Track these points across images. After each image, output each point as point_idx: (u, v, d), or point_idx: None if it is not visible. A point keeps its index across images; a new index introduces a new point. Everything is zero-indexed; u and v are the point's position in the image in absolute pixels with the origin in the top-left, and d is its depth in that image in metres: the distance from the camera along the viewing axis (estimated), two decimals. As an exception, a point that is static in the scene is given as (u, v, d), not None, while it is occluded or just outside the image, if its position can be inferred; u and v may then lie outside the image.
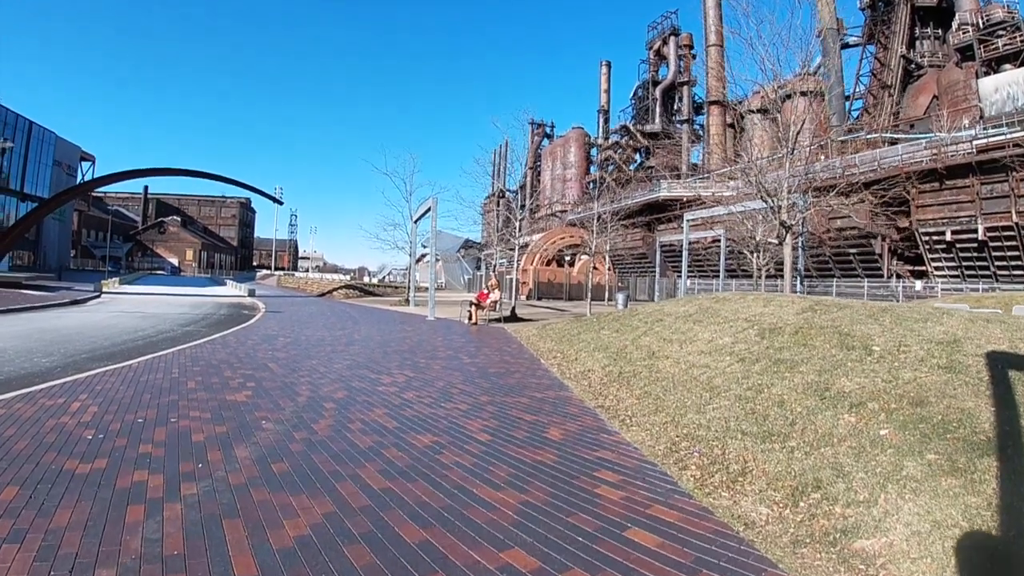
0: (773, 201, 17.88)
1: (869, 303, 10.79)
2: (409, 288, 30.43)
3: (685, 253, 27.78)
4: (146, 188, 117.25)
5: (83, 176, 72.89)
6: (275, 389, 7.27)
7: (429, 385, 7.86)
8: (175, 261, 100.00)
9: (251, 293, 34.48)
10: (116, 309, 21.71)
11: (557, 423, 6.07)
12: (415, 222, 28.59)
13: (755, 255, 32.61)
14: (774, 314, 9.27)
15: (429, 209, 21.62)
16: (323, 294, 41.12)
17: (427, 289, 20.94)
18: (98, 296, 28.88)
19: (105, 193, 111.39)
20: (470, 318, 18.33)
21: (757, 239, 31.66)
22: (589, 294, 23.60)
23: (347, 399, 6.85)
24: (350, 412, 6.20)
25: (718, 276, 51.54)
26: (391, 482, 4.20)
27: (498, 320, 18.94)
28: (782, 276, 34.57)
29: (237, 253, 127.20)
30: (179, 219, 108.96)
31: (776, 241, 19.96)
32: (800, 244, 20.71)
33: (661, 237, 43.00)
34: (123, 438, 5.04)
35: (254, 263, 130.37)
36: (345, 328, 16.10)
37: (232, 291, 39.17)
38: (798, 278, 20.64)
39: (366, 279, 71.36)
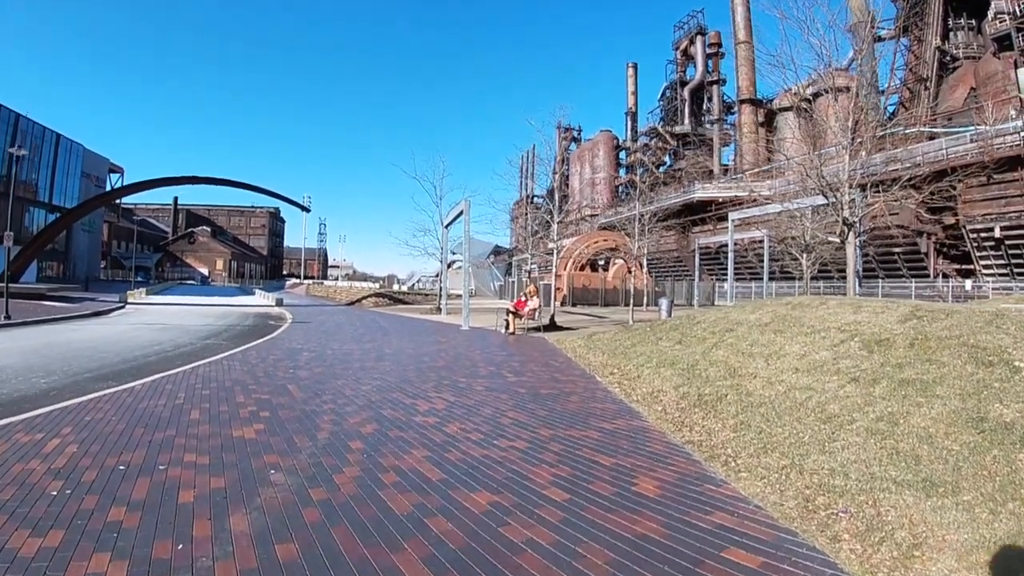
0: (837, 197, 16.37)
1: (975, 308, 9.33)
2: (440, 296, 29.32)
3: (731, 255, 26.26)
4: (176, 199, 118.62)
5: (111, 186, 73.41)
6: (292, 420, 6.08)
7: (474, 413, 6.60)
8: (205, 271, 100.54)
9: (279, 303, 33.69)
10: (138, 321, 20.93)
11: (645, 469, 4.75)
12: (446, 227, 27.47)
13: (803, 256, 30.94)
14: (872, 322, 7.86)
15: (461, 212, 20.48)
16: (352, 303, 40.25)
17: (459, 296, 19.77)
18: (122, 307, 28.31)
19: (136, 205, 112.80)
20: (507, 327, 17.09)
21: (807, 239, 30.05)
22: (631, 300, 22.20)
23: (378, 435, 5.61)
24: (381, 455, 4.95)
25: (757, 278, 49.91)
26: (442, 579, 2.94)
27: (536, 329, 17.67)
28: (827, 278, 32.63)
29: (267, 262, 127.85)
30: (209, 229, 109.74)
31: (837, 239, 18.40)
32: (857, 243, 19.16)
33: (700, 239, 41.38)
34: (94, 496, 3.90)
35: (284, 272, 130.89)
36: (375, 340, 14.97)
37: (260, 301, 38.45)
38: (858, 279, 19.04)
39: (395, 287, 70.52)
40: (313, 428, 5.78)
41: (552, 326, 18.71)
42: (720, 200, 58.23)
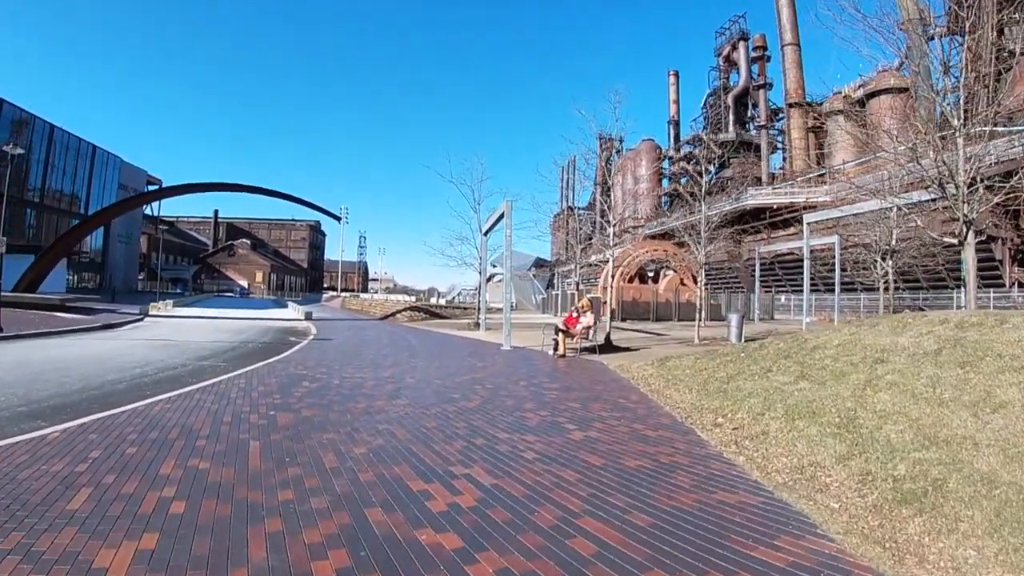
0: (958, 191, 13.31)
1: None
2: (479, 310, 26.74)
3: (807, 264, 23.04)
4: (216, 212, 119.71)
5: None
6: (209, 527, 3.47)
7: (528, 523, 3.80)
8: (244, 283, 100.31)
9: (307, 316, 31.61)
10: (145, 335, 18.92)
11: None
12: (484, 234, 24.94)
13: (883, 262, 27.52)
14: None
15: (502, 216, 17.93)
16: (385, 317, 38.10)
17: (500, 310, 17.16)
18: (140, 319, 26.55)
19: (178, 218, 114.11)
20: (555, 348, 14.39)
21: (891, 242, 26.60)
22: (698, 315, 19.22)
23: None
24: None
25: (815, 290, 46.09)
26: None
27: (591, 350, 14.91)
28: (910, 288, 28.94)
29: (307, 275, 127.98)
30: (249, 242, 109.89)
31: (954, 241, 15.26)
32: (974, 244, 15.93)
33: (760, 247, 38.02)
34: None
35: (324, 285, 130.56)
36: (398, 364, 12.43)
37: (289, 314, 36.52)
38: (970, 286, 15.75)
39: (433, 300, 68.37)
40: (238, 555, 3.14)
41: (608, 346, 15.92)
42: (775, 207, 54.85)
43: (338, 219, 35.20)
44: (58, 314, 24.18)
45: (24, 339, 16.10)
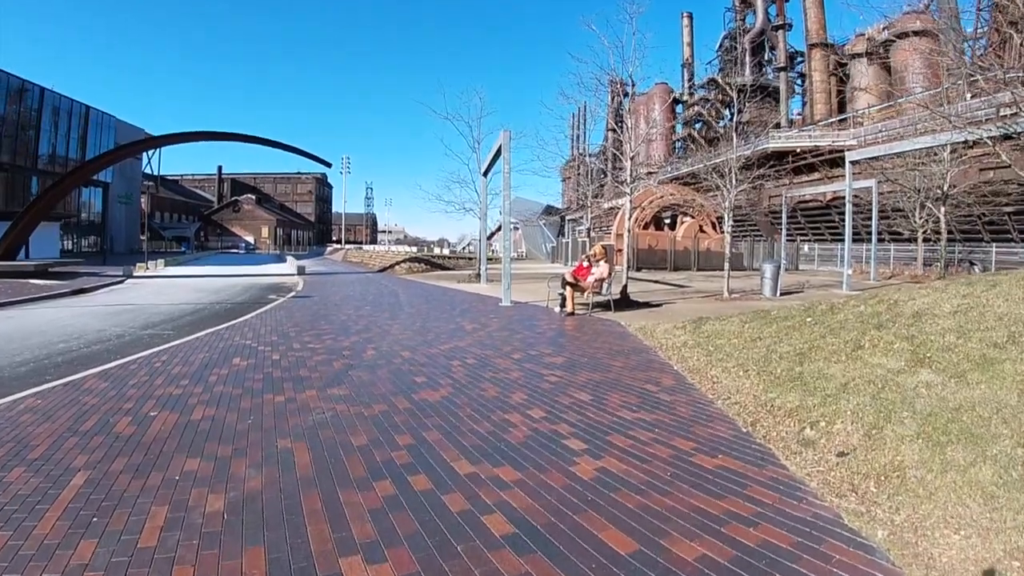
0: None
1: None
2: (480, 261, 24.28)
3: (848, 208, 20.24)
4: (220, 168, 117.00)
5: (149, 159, 71.06)
6: None
7: None
8: (251, 239, 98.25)
9: (300, 271, 29.46)
10: (110, 300, 17.13)
11: None
12: (484, 175, 22.32)
13: (935, 207, 24.76)
14: None
15: (500, 150, 15.38)
16: (384, 269, 35.85)
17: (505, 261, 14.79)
18: (121, 282, 24.54)
19: (181, 176, 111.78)
20: (562, 304, 12.07)
21: (945, 187, 23.80)
22: (726, 264, 16.73)
23: None
24: None
25: (838, 238, 43.17)
26: None
27: (604, 306, 12.57)
28: (967, 239, 26.25)
29: (314, 228, 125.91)
30: (254, 197, 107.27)
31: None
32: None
33: (789, 192, 35.00)
34: None
35: (333, 238, 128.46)
36: (369, 328, 10.17)
37: (283, 269, 34.44)
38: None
39: (437, 250, 65.93)
40: None
41: (625, 301, 13.57)
42: (798, 150, 51.55)
43: (328, 165, 32.55)
44: (33, 281, 22.15)
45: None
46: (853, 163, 21.05)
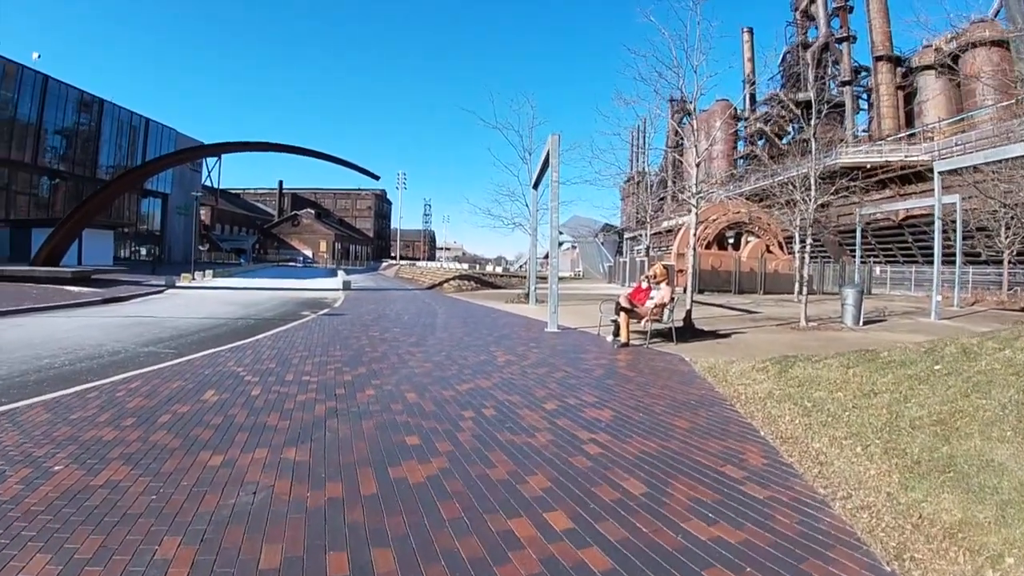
0: None
1: None
2: (529, 280, 22.69)
3: (938, 226, 17.83)
4: (280, 183, 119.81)
5: (208, 171, 72.63)
6: None
7: None
8: (309, 253, 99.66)
9: (345, 286, 28.60)
10: (133, 311, 16.54)
11: None
12: (535, 187, 20.75)
13: (1004, 231, 22.01)
14: None
15: (548, 157, 13.82)
16: (433, 286, 34.71)
17: (561, 280, 13.13)
18: (160, 292, 24.17)
19: (243, 190, 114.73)
20: (616, 333, 10.33)
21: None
22: (805, 289, 14.61)
23: None
24: None
25: (911, 260, 39.79)
26: None
27: (665, 335, 10.78)
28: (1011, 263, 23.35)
29: (372, 244, 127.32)
30: (313, 212, 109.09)
31: None
32: None
33: (862, 209, 32.20)
34: None
35: (391, 254, 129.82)
36: (387, 356, 8.70)
37: (329, 284, 33.72)
38: None
39: (490, 268, 64.57)
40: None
41: (689, 329, 11.71)
42: (868, 166, 48.45)
43: (376, 177, 31.56)
44: (68, 288, 21.86)
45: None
46: (942, 174, 18.63)
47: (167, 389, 6.30)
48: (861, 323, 14.00)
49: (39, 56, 44.74)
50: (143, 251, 57.52)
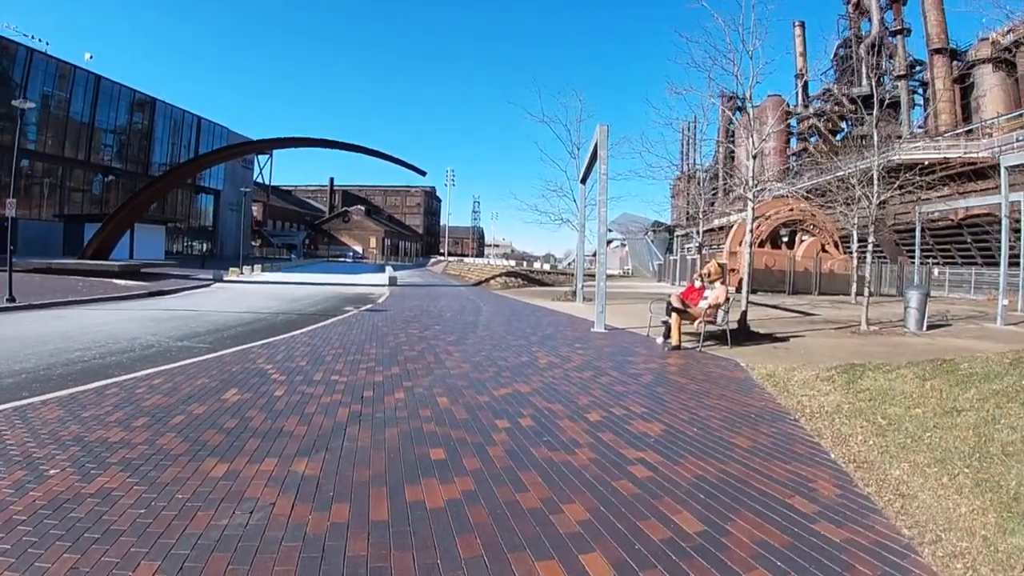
0: None
1: None
2: (577, 278, 22.08)
3: (1005, 223, 16.52)
4: (331, 180, 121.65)
5: (260, 169, 74.21)
6: None
7: None
8: (359, 248, 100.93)
9: (392, 282, 28.58)
10: (175, 305, 16.73)
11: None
12: (582, 182, 20.14)
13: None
14: None
15: (596, 149, 13.25)
16: (479, 283, 34.45)
17: (610, 278, 12.58)
18: (207, 286, 24.51)
19: (295, 187, 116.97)
20: (666, 335, 9.71)
21: None
22: (867, 290, 13.67)
23: None
24: None
25: (970, 262, 37.48)
26: None
27: (719, 337, 10.10)
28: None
29: (422, 240, 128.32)
30: (363, 208, 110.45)
31: None
32: None
33: (922, 208, 30.44)
34: None
35: (440, 250, 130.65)
36: (423, 355, 8.33)
37: (375, 279, 33.78)
38: None
39: (536, 265, 63.92)
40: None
41: (744, 331, 10.98)
42: (926, 163, 46.26)
43: (423, 173, 31.37)
44: (116, 281, 22.33)
45: (31, 309, 13.96)
46: (1009, 169, 17.24)
47: (189, 387, 6.03)
48: (925, 327, 13.00)
49: (91, 56, 46.14)
50: (195, 246, 58.95)
